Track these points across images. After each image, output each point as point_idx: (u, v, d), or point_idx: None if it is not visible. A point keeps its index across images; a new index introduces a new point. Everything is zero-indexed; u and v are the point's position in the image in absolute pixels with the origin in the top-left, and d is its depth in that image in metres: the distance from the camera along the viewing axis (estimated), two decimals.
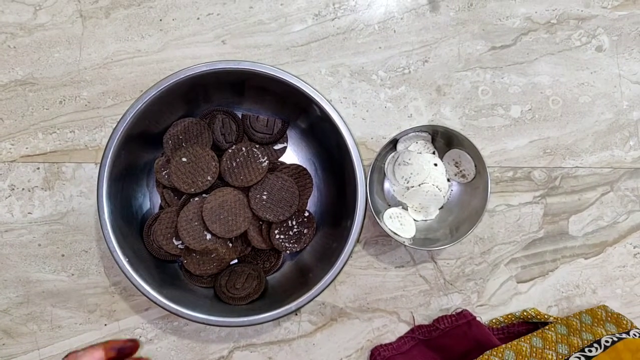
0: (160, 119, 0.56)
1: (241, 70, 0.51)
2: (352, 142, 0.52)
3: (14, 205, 0.60)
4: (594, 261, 0.63)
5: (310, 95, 0.51)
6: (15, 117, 0.60)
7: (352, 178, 0.52)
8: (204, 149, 0.55)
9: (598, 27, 0.65)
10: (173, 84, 0.51)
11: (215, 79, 0.53)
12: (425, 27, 0.64)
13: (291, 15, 0.63)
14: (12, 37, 0.61)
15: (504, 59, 0.64)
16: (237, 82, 0.55)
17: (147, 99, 0.50)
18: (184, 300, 0.51)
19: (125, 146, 0.51)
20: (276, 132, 0.59)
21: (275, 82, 0.52)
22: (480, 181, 0.58)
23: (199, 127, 0.56)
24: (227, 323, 0.51)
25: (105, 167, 0.50)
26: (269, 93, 0.56)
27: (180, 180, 0.54)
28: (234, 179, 0.55)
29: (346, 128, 0.52)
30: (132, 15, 0.62)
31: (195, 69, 0.51)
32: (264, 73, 0.51)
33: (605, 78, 0.65)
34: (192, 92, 0.55)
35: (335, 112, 0.52)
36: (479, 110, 0.64)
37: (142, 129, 0.53)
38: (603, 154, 0.64)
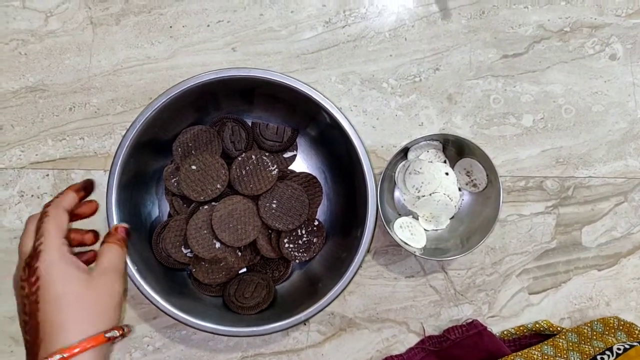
0: (169, 126, 0.56)
1: (251, 78, 0.51)
2: (362, 150, 0.51)
3: (23, 212, 0.60)
4: (607, 273, 0.62)
5: (320, 103, 0.51)
6: (26, 123, 0.60)
7: (362, 187, 0.52)
8: (214, 157, 0.55)
9: (612, 35, 0.64)
10: (183, 91, 0.50)
11: (225, 86, 0.53)
12: (436, 35, 0.63)
13: (301, 22, 0.62)
14: (24, 44, 0.61)
15: (516, 68, 0.63)
16: (247, 89, 0.54)
17: (157, 106, 0.50)
18: (192, 309, 0.51)
19: (134, 154, 0.50)
20: (286, 140, 0.59)
21: (285, 89, 0.51)
22: (491, 191, 0.57)
23: (209, 135, 0.56)
24: (235, 333, 0.50)
25: (114, 175, 0.49)
26: (279, 101, 0.56)
27: (189, 188, 0.54)
28: (243, 188, 0.55)
29: (357, 136, 0.51)
30: (143, 22, 0.62)
31: (205, 77, 0.50)
32: (274, 80, 0.51)
33: (619, 87, 0.64)
34: (202, 100, 0.55)
35: (346, 120, 0.51)
36: (491, 119, 0.63)
37: (152, 137, 0.53)
38: (617, 163, 0.63)
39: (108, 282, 0.39)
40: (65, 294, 0.36)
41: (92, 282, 0.38)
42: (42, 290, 0.36)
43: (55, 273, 0.36)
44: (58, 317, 0.35)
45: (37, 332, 0.36)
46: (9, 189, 0.60)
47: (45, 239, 0.38)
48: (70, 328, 0.35)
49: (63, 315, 0.36)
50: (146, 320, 0.59)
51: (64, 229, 0.40)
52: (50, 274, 0.36)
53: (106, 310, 0.38)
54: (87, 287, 0.37)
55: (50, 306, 0.36)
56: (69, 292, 0.36)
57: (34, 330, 0.36)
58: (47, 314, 0.36)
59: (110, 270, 0.40)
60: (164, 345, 0.59)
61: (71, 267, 0.38)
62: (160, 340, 0.59)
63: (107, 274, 0.40)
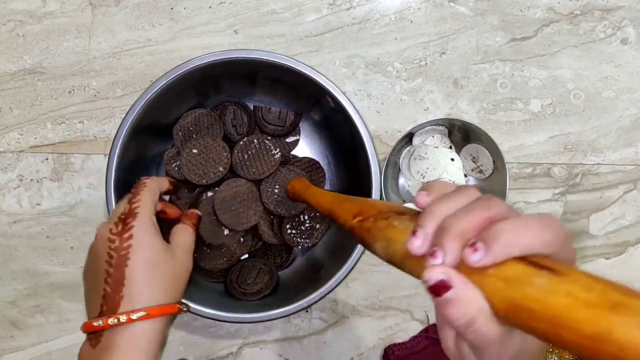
0: (170, 110, 0.55)
1: (254, 60, 0.50)
2: (367, 135, 0.50)
3: (22, 196, 0.59)
4: (615, 261, 0.61)
5: (324, 86, 0.50)
6: (24, 106, 0.59)
7: (366, 173, 0.51)
8: (215, 140, 0.54)
9: (624, 18, 0.62)
10: (183, 74, 0.49)
11: (227, 69, 0.51)
12: (443, 18, 0.62)
13: (305, 4, 0.61)
14: (21, 25, 0.60)
15: (524, 51, 0.62)
16: (249, 72, 0.53)
17: (157, 89, 0.49)
18: (194, 295, 0.50)
19: (134, 138, 0.50)
20: (288, 124, 0.57)
21: (288, 72, 0.50)
22: (498, 177, 0.56)
23: (210, 119, 0.55)
24: (237, 319, 0.50)
25: (114, 159, 0.49)
26: (282, 84, 0.54)
27: (191, 171, 0.53)
28: (245, 172, 0.54)
29: (361, 121, 0.50)
30: (143, 3, 0.60)
31: (206, 58, 0.49)
32: (276, 63, 0.50)
33: (630, 72, 0.62)
34: (203, 83, 0.53)
35: (350, 104, 0.50)
36: (498, 104, 0.62)
37: (152, 120, 0.52)
38: (626, 150, 0.62)
39: (183, 257, 0.42)
40: (155, 260, 0.38)
41: (172, 254, 0.41)
42: (134, 250, 0.38)
43: (146, 236, 0.39)
44: (145, 278, 0.38)
45: (120, 286, 0.37)
46: (8, 172, 0.59)
47: (142, 204, 0.40)
48: (155, 292, 0.38)
49: (151, 279, 0.38)
50: None
51: (156, 203, 0.42)
52: (142, 235, 0.39)
53: (182, 283, 0.41)
54: (169, 258, 0.40)
55: (139, 265, 0.38)
56: (158, 259, 0.39)
57: (118, 283, 0.37)
58: (135, 271, 0.37)
59: (184, 249, 0.43)
60: None
61: (160, 237, 0.40)
62: None
63: (183, 250, 0.42)
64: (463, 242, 0.24)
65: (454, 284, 0.23)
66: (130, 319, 0.36)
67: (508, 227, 0.23)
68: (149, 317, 0.36)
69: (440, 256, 0.24)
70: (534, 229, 0.23)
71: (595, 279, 0.21)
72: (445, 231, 0.24)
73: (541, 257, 0.23)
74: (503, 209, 0.25)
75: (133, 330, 0.36)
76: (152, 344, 0.37)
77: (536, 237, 0.23)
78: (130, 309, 0.36)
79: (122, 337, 0.36)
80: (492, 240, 0.23)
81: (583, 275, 0.22)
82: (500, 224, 0.23)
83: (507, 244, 0.23)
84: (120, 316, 0.36)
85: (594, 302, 0.20)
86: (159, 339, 0.38)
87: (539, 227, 0.23)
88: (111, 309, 0.37)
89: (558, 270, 0.22)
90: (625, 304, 0.19)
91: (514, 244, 0.23)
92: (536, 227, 0.23)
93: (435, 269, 0.24)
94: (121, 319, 0.36)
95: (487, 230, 0.23)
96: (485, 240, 0.23)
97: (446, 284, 0.23)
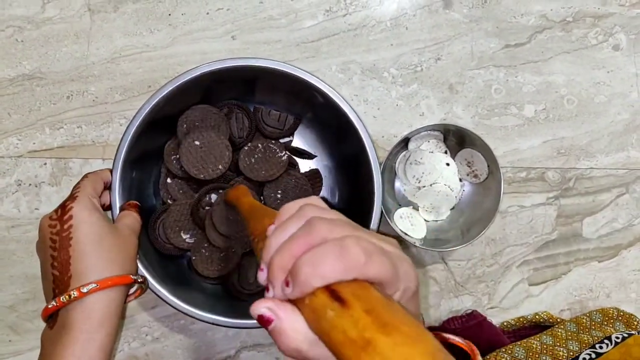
0: (174, 117, 0.55)
1: (255, 67, 0.50)
2: (369, 141, 0.50)
3: (20, 201, 0.59)
4: (608, 264, 0.62)
5: (326, 94, 0.50)
6: (23, 111, 0.60)
7: (366, 178, 0.51)
8: (219, 137, 0.53)
9: (615, 25, 0.63)
10: (188, 81, 0.49)
11: (229, 76, 0.52)
12: (438, 24, 0.62)
13: (302, 11, 0.62)
14: (20, 31, 0.60)
15: (518, 58, 0.63)
16: (251, 78, 0.54)
17: (163, 94, 0.48)
18: (193, 299, 0.50)
19: (137, 143, 0.50)
20: (287, 128, 0.58)
21: (287, 78, 0.51)
22: (492, 181, 0.57)
23: (218, 118, 0.55)
24: (236, 324, 0.50)
25: (117, 171, 0.48)
26: (281, 89, 0.55)
27: (190, 163, 0.52)
28: (255, 175, 0.54)
29: (362, 126, 0.50)
30: (141, 9, 0.61)
31: (208, 67, 0.49)
32: (276, 70, 0.50)
33: (621, 77, 0.63)
34: (208, 89, 0.54)
35: (352, 111, 0.50)
36: (492, 110, 0.62)
37: (155, 127, 0.52)
38: (619, 155, 0.63)
39: (129, 233, 0.44)
40: (97, 235, 0.40)
41: (117, 231, 0.42)
42: (75, 228, 0.39)
43: (86, 215, 0.40)
44: (91, 253, 0.39)
45: (67, 266, 0.39)
46: (6, 177, 0.59)
47: (81, 189, 0.42)
48: (101, 265, 0.39)
49: (96, 254, 0.39)
50: (145, 309, 0.59)
51: (98, 191, 0.44)
52: (82, 215, 0.40)
53: (130, 258, 0.43)
54: (114, 235, 0.41)
55: (82, 242, 0.39)
56: (100, 234, 0.40)
57: (64, 264, 0.39)
58: (79, 248, 0.39)
59: (129, 228, 0.45)
60: (163, 335, 0.59)
61: (102, 215, 0.42)
62: (159, 330, 0.59)
63: (127, 228, 0.44)
64: (286, 273, 0.25)
65: (278, 315, 0.24)
66: (81, 292, 0.37)
67: (307, 259, 0.24)
68: (99, 289, 0.38)
69: (271, 290, 0.26)
70: (329, 258, 0.24)
71: (369, 307, 0.22)
72: (271, 266, 0.26)
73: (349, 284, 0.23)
74: (323, 232, 0.25)
75: (86, 304, 0.37)
76: (107, 315, 0.38)
77: (331, 266, 0.23)
78: (80, 284, 0.38)
79: (76, 312, 0.37)
80: (295, 274, 0.24)
81: (360, 306, 0.22)
82: (303, 257, 0.24)
83: (307, 277, 0.24)
84: (72, 292, 0.37)
85: (354, 340, 0.21)
86: (114, 310, 0.39)
87: (334, 256, 0.24)
88: (62, 289, 0.38)
89: (346, 301, 0.22)
90: (374, 343, 0.20)
91: (313, 276, 0.23)
92: (332, 256, 0.24)
93: (259, 303, 0.25)
94: (72, 294, 0.37)
95: (294, 264, 0.24)
96: (291, 274, 0.24)
97: (268, 317, 0.24)
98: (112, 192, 0.48)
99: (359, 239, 0.25)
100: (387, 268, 0.25)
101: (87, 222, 0.40)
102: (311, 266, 0.24)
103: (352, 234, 0.25)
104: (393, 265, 0.25)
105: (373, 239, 0.27)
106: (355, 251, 0.24)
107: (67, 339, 0.37)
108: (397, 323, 0.21)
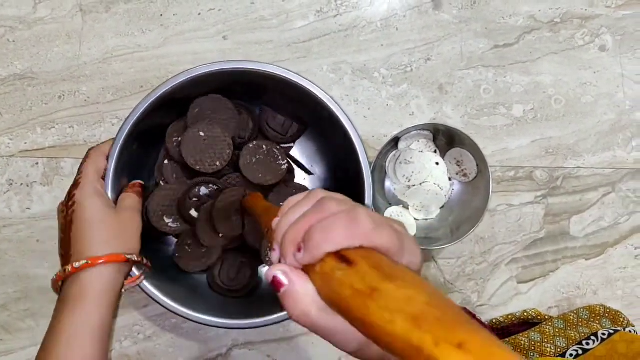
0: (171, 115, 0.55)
1: (266, 74, 0.50)
2: (359, 141, 0.51)
3: (12, 201, 0.59)
4: (595, 262, 0.63)
5: (316, 95, 0.50)
6: (14, 111, 0.60)
7: (356, 178, 0.51)
8: (224, 133, 0.53)
9: (602, 26, 0.64)
10: (205, 74, 0.49)
11: (241, 77, 0.51)
12: (427, 25, 0.63)
13: (293, 11, 0.62)
14: (12, 31, 0.60)
15: (506, 58, 0.63)
16: (261, 82, 0.53)
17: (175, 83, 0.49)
18: (185, 299, 0.50)
19: (132, 142, 0.50)
20: (289, 135, 0.58)
21: (274, 79, 0.51)
22: (481, 181, 0.58)
23: (230, 114, 0.54)
24: (229, 325, 0.50)
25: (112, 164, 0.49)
26: (288, 96, 0.55)
27: (189, 152, 0.52)
28: (252, 175, 0.54)
29: (352, 126, 0.51)
30: (133, 10, 0.61)
31: (228, 65, 0.49)
32: (267, 73, 0.50)
33: (608, 78, 0.64)
34: (221, 84, 0.53)
35: (342, 111, 0.50)
36: (481, 109, 0.63)
37: (153, 125, 0.52)
38: (605, 154, 0.64)
39: (129, 214, 0.47)
40: (94, 218, 0.44)
41: (117, 214, 0.46)
42: (76, 213, 0.44)
43: (88, 201, 0.44)
44: (87, 235, 0.43)
45: (69, 247, 0.43)
46: None
47: (84, 175, 0.46)
48: (96, 245, 0.43)
49: (91, 235, 0.43)
50: (137, 308, 0.59)
51: (101, 170, 0.47)
52: (84, 201, 0.44)
53: (129, 237, 0.46)
54: (113, 217, 0.45)
55: (81, 226, 0.43)
56: (98, 217, 0.44)
57: (67, 245, 0.44)
58: (78, 232, 0.43)
59: (131, 208, 0.47)
60: (155, 334, 0.59)
61: (102, 199, 0.45)
62: (151, 329, 0.59)
63: (128, 210, 0.47)
64: (298, 246, 0.27)
65: (290, 279, 0.26)
66: (73, 267, 0.41)
67: (319, 227, 0.26)
68: (90, 265, 0.41)
69: (283, 261, 0.28)
70: (339, 225, 0.26)
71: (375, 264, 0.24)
72: (284, 239, 0.28)
73: (356, 250, 0.25)
74: (333, 209, 0.27)
75: (82, 280, 0.42)
76: (102, 292, 0.42)
77: (341, 232, 0.25)
78: (78, 260, 0.42)
79: (73, 288, 0.42)
80: (307, 240, 0.26)
81: (366, 264, 0.24)
82: (315, 225, 0.26)
83: (318, 242, 0.26)
84: (66, 267, 0.42)
85: (361, 291, 0.23)
86: (108, 287, 0.42)
87: (344, 223, 0.26)
88: (65, 267, 0.43)
89: (353, 261, 0.24)
90: (379, 289, 0.22)
91: (324, 241, 0.25)
92: (342, 223, 0.26)
93: (273, 267, 0.27)
94: (67, 269, 0.42)
95: (307, 232, 0.27)
96: (304, 240, 0.26)
97: (280, 281, 0.26)
98: (108, 166, 0.48)
99: (368, 210, 0.27)
100: (393, 238, 0.26)
101: (87, 208, 0.44)
102: (322, 232, 0.26)
103: (360, 207, 0.27)
104: (399, 237, 0.27)
105: (380, 214, 0.28)
106: (364, 219, 0.26)
107: (64, 311, 0.41)
108: (400, 274, 0.23)
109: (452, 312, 0.21)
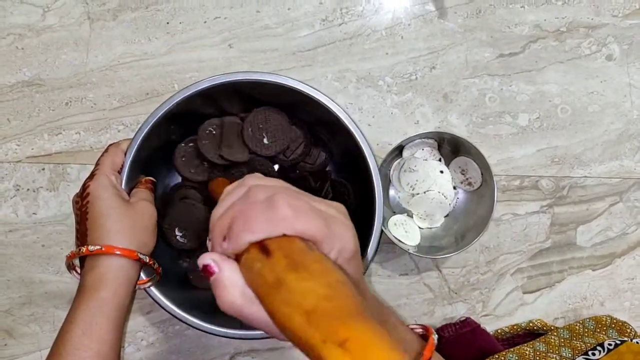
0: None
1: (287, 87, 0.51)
2: (368, 150, 0.51)
3: (18, 206, 0.60)
4: (602, 273, 0.62)
5: (326, 105, 0.51)
6: (22, 117, 0.61)
7: (366, 185, 0.51)
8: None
9: (608, 35, 0.64)
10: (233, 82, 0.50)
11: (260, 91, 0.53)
12: (432, 34, 0.63)
13: (298, 20, 0.63)
14: (20, 38, 0.61)
15: (512, 67, 0.63)
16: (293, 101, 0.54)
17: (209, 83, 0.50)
18: (190, 306, 0.50)
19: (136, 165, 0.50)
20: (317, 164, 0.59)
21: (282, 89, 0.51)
22: (486, 189, 0.57)
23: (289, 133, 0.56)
24: (234, 335, 0.49)
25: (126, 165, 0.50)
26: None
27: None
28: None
29: (361, 134, 0.51)
30: (140, 18, 0.62)
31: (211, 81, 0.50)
32: (276, 83, 0.51)
33: (615, 87, 0.64)
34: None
35: (351, 120, 0.51)
36: (486, 118, 0.63)
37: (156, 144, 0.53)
38: (612, 164, 0.63)
39: (143, 206, 0.47)
40: (109, 210, 0.44)
41: (130, 207, 0.46)
42: (91, 204, 0.45)
43: (102, 193, 0.45)
44: (102, 225, 0.44)
45: (85, 237, 0.44)
46: (5, 182, 0.60)
47: (100, 168, 0.47)
48: (111, 234, 0.44)
49: (105, 224, 0.44)
50: (141, 314, 0.59)
51: (118, 165, 0.48)
52: (98, 193, 0.45)
53: (144, 228, 0.46)
54: (127, 209, 0.46)
55: (95, 216, 0.44)
56: (112, 210, 0.45)
57: (83, 235, 0.45)
58: (94, 223, 0.44)
59: (144, 200, 0.48)
60: (158, 340, 0.59)
61: (116, 192, 0.46)
62: (154, 335, 0.59)
63: (141, 202, 0.48)
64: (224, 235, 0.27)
65: (220, 267, 0.26)
66: (88, 250, 0.43)
67: (239, 216, 0.26)
68: (103, 252, 0.43)
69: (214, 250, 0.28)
70: (258, 213, 0.26)
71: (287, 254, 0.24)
72: (212, 231, 0.29)
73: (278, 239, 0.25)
74: (259, 196, 0.27)
75: (98, 269, 0.43)
76: (119, 282, 0.43)
77: (259, 220, 0.26)
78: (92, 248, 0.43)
79: (90, 276, 0.43)
80: (229, 231, 0.26)
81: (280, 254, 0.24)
82: (237, 215, 0.27)
83: (239, 232, 0.26)
84: (81, 248, 0.43)
85: (270, 283, 0.23)
86: (123, 280, 0.44)
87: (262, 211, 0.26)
88: (82, 259, 0.45)
89: (271, 252, 0.24)
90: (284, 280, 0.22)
91: (244, 231, 0.26)
92: (259, 211, 0.26)
93: (206, 255, 0.27)
94: (81, 249, 0.43)
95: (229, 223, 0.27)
96: (227, 231, 0.27)
97: (211, 269, 0.26)
98: (125, 160, 0.50)
99: (289, 197, 0.27)
100: (316, 224, 0.26)
101: (101, 198, 0.45)
102: (242, 222, 0.26)
103: (282, 193, 0.27)
104: (325, 223, 0.26)
105: (308, 199, 0.28)
106: (281, 206, 0.26)
107: (82, 299, 0.42)
108: (308, 262, 0.23)
109: (350, 306, 0.21)
